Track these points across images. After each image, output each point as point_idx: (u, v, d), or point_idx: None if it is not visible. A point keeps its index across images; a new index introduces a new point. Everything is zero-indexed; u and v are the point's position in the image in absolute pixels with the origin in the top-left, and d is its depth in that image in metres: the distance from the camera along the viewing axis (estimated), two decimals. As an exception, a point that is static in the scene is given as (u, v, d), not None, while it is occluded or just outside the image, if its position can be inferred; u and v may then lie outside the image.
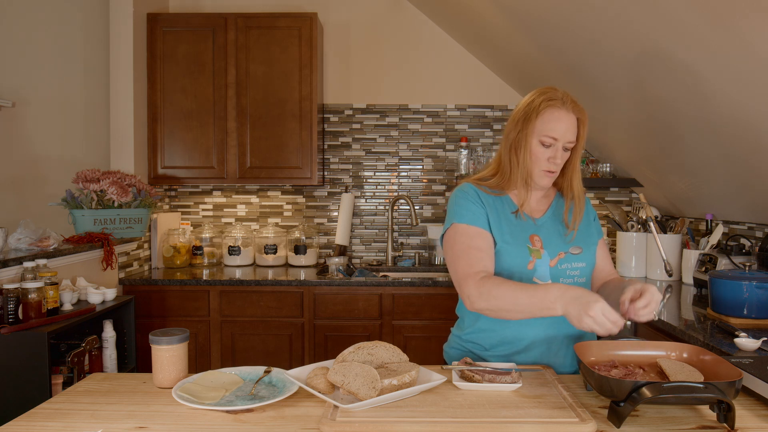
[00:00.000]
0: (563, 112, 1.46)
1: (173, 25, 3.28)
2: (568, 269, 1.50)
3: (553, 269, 1.48)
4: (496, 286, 1.36)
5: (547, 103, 1.46)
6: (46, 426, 1.11)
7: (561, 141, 1.46)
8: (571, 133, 1.47)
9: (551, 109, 1.46)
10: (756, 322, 1.92)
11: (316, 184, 3.36)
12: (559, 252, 1.50)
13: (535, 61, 2.98)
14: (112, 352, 2.48)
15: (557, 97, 1.47)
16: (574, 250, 1.52)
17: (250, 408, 1.18)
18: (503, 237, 1.48)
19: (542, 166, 1.48)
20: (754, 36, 1.60)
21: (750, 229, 2.63)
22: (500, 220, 1.50)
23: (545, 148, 1.47)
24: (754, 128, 1.99)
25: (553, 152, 1.47)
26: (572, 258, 1.51)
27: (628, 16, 1.98)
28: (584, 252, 1.53)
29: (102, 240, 2.68)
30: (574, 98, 1.49)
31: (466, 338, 1.58)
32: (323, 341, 3.00)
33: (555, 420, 1.09)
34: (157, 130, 3.31)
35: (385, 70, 3.62)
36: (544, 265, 1.48)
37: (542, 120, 1.46)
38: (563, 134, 1.45)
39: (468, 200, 1.51)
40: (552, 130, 1.45)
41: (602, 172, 3.44)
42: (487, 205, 1.51)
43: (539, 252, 1.48)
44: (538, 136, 1.46)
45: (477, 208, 1.49)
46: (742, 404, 1.21)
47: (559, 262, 1.49)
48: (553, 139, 1.45)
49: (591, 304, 1.21)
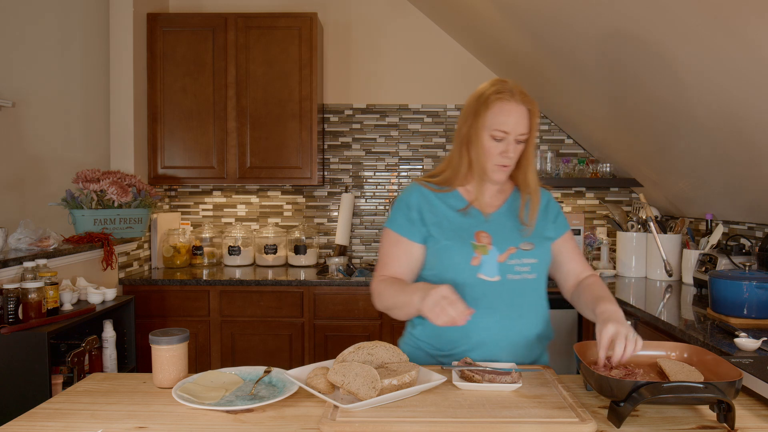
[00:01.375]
0: (513, 104, 1.44)
1: (173, 25, 3.28)
2: (516, 265, 1.47)
3: (502, 265, 1.46)
4: (386, 287, 1.45)
5: (496, 96, 1.44)
6: (46, 426, 1.11)
7: (512, 134, 1.44)
8: (522, 126, 1.45)
9: (500, 102, 1.44)
10: (756, 322, 1.92)
11: (316, 184, 3.36)
12: (509, 247, 1.48)
13: (535, 61, 2.98)
14: (112, 352, 2.48)
15: (506, 89, 1.45)
16: (525, 246, 1.49)
17: (250, 408, 1.18)
18: (444, 235, 1.48)
19: (495, 161, 1.47)
20: (755, 36, 1.60)
21: (750, 229, 2.63)
22: (441, 220, 1.50)
23: (497, 142, 1.45)
24: (754, 128, 1.99)
25: (505, 146, 1.45)
26: (523, 254, 1.48)
27: (625, 12, 1.98)
28: (536, 248, 1.50)
29: (102, 240, 2.68)
30: (523, 89, 1.47)
31: (417, 336, 1.57)
32: (323, 341, 3.00)
33: (555, 420, 1.09)
34: (157, 130, 3.31)
35: (385, 70, 3.62)
36: (492, 260, 1.46)
37: (492, 113, 1.44)
38: (514, 127, 1.44)
39: (401, 209, 1.53)
40: (502, 124, 1.43)
41: (602, 172, 3.44)
42: (425, 209, 1.51)
43: (485, 248, 1.46)
44: (488, 130, 1.45)
45: (408, 218, 1.51)
46: (742, 404, 1.21)
47: (508, 258, 1.47)
48: (504, 132, 1.44)
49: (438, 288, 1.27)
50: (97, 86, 3.17)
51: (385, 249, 1.54)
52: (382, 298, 1.47)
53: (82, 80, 3.13)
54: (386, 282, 1.47)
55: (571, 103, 3.13)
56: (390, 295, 1.44)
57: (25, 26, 2.83)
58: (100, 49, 3.17)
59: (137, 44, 3.19)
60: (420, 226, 1.51)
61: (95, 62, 3.16)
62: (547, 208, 1.59)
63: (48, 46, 2.96)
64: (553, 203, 1.62)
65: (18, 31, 2.79)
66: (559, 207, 1.63)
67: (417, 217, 1.51)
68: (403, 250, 1.52)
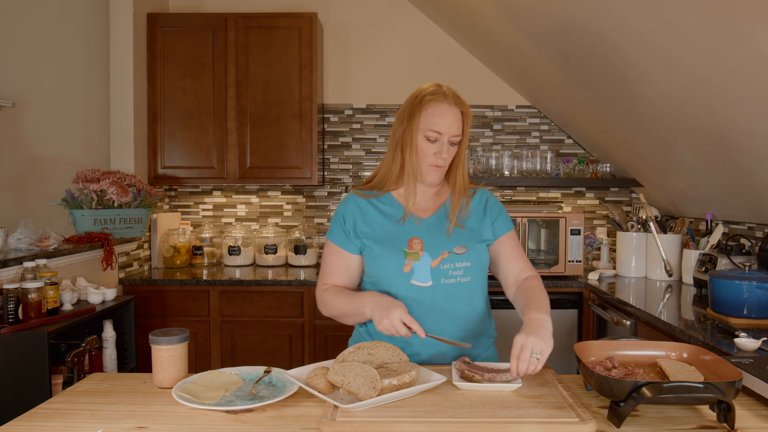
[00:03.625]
0: (446, 106, 1.48)
1: (173, 25, 3.28)
2: (450, 269, 1.49)
3: (435, 270, 1.48)
4: (331, 296, 1.53)
5: (429, 97, 1.48)
6: (46, 426, 1.11)
7: (445, 135, 1.47)
8: (456, 127, 1.48)
9: (434, 103, 1.47)
10: (756, 322, 1.92)
11: (316, 184, 3.36)
12: (442, 252, 1.49)
13: (536, 61, 2.98)
14: (112, 352, 2.48)
15: (440, 92, 1.49)
16: (458, 249, 1.50)
17: (250, 408, 1.18)
18: (377, 244, 1.51)
19: (429, 161, 1.49)
20: (758, 38, 1.60)
21: (750, 229, 2.63)
22: (375, 229, 1.53)
23: (431, 143, 1.48)
24: (754, 128, 1.99)
25: (439, 147, 1.48)
26: (456, 258, 1.50)
27: (628, 15, 1.98)
28: (470, 251, 1.51)
29: (102, 240, 2.68)
30: (456, 92, 1.52)
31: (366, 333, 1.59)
32: (323, 341, 3.00)
33: (555, 420, 1.09)
34: (157, 130, 3.31)
35: (385, 70, 3.62)
36: (424, 266, 1.48)
37: (426, 115, 1.47)
38: (447, 128, 1.47)
39: (337, 221, 1.57)
40: (435, 125, 1.46)
41: (602, 172, 3.44)
42: (359, 219, 1.54)
43: (417, 254, 1.49)
44: (422, 131, 1.48)
45: (343, 230, 1.56)
46: (742, 404, 1.21)
47: (441, 263, 1.49)
48: (437, 133, 1.47)
49: (392, 310, 1.35)
50: (97, 86, 3.18)
51: (325, 259, 1.60)
52: (328, 307, 1.55)
53: (82, 80, 3.13)
54: (331, 291, 1.54)
55: (571, 104, 3.13)
56: (337, 304, 1.51)
57: (25, 27, 2.83)
58: (100, 49, 3.17)
59: (137, 44, 3.19)
60: (354, 238, 1.55)
61: (95, 62, 3.17)
62: (486, 209, 1.59)
63: (48, 47, 2.96)
64: (493, 203, 1.61)
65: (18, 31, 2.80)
66: (501, 207, 1.62)
67: (351, 229, 1.55)
68: (341, 261, 1.57)
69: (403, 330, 1.35)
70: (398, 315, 1.35)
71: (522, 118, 3.62)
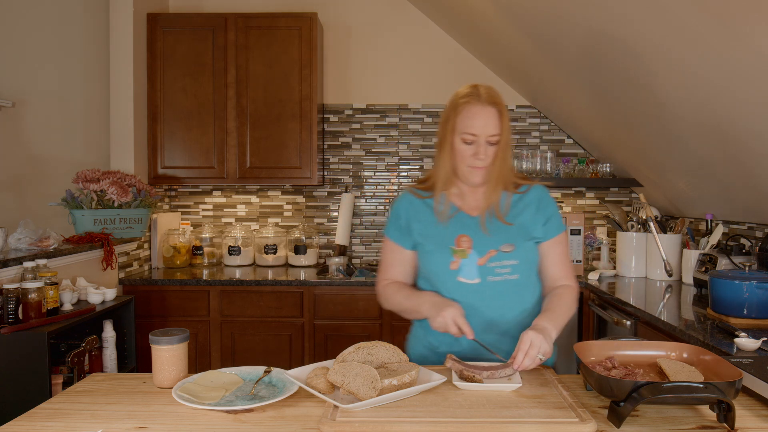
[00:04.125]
0: (479, 107, 1.47)
1: (173, 25, 3.28)
2: (497, 267, 1.50)
3: (482, 267, 1.50)
4: (391, 292, 1.60)
5: (463, 100, 1.49)
6: (46, 426, 1.11)
7: (481, 136, 1.47)
8: (491, 127, 1.47)
9: (468, 106, 1.48)
10: (756, 322, 1.92)
11: (316, 184, 3.36)
12: (489, 250, 1.51)
13: (535, 61, 2.98)
14: (112, 352, 2.48)
15: (473, 93, 1.49)
16: (505, 248, 1.51)
17: (250, 408, 1.18)
18: (428, 241, 1.56)
19: (468, 163, 1.50)
20: (758, 38, 1.60)
21: (750, 229, 2.63)
22: (425, 227, 1.57)
23: (468, 146, 1.49)
24: (754, 128, 1.99)
25: (476, 149, 1.48)
26: (503, 256, 1.51)
27: (626, 14, 1.98)
28: (517, 249, 1.51)
29: (102, 240, 2.68)
30: (492, 91, 1.50)
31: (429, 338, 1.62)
32: (323, 341, 3.00)
33: (555, 420, 1.09)
34: (157, 130, 3.31)
35: (385, 70, 3.62)
36: (471, 264, 1.50)
37: (461, 118, 1.48)
38: (482, 129, 1.47)
39: (393, 218, 1.63)
40: (470, 127, 1.47)
41: (602, 172, 3.44)
42: (412, 216, 1.59)
43: (465, 252, 1.51)
44: (459, 134, 1.49)
45: (398, 226, 1.61)
46: (742, 404, 1.21)
47: (488, 260, 1.50)
48: (472, 135, 1.47)
49: (446, 309, 1.42)
50: (97, 86, 3.17)
51: (384, 255, 1.67)
52: (389, 302, 1.62)
53: (82, 80, 3.13)
54: (392, 287, 1.61)
55: (571, 104, 3.13)
56: (398, 300, 1.58)
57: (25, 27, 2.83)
58: (100, 49, 3.17)
59: (137, 44, 3.19)
60: (407, 235, 1.59)
61: (95, 62, 3.17)
62: (539, 206, 1.57)
63: (48, 47, 2.96)
64: (547, 202, 1.59)
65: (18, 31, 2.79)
66: (554, 207, 1.60)
67: (405, 226, 1.60)
68: (398, 257, 1.63)
69: (454, 329, 1.40)
70: (451, 314, 1.40)
71: (522, 118, 3.62)
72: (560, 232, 1.59)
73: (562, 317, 1.46)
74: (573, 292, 1.56)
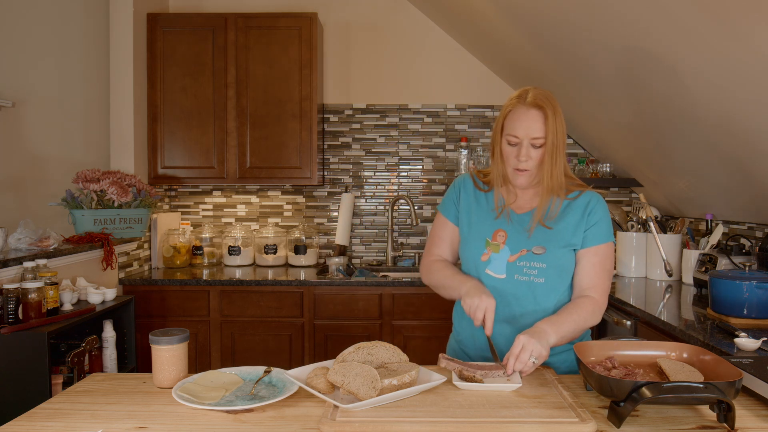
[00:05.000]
0: (524, 109, 1.48)
1: (173, 25, 3.28)
2: (525, 267, 1.52)
3: (511, 264, 1.53)
4: (439, 267, 1.63)
5: (510, 104, 1.51)
6: (46, 426, 1.11)
7: (524, 138, 1.48)
8: (534, 129, 1.48)
9: (514, 109, 1.50)
10: (756, 322, 1.92)
11: (316, 184, 3.36)
12: (521, 249, 1.53)
13: (535, 61, 2.98)
14: (112, 352, 2.48)
15: (521, 96, 1.50)
16: (537, 249, 1.52)
17: (250, 408, 1.18)
18: (468, 226, 1.61)
19: (512, 165, 1.52)
20: (758, 38, 1.60)
21: (750, 229, 2.63)
22: (471, 213, 1.62)
23: (512, 147, 1.51)
24: (754, 128, 1.99)
25: (518, 150, 1.50)
26: (533, 257, 1.52)
27: (627, 13, 1.98)
28: (547, 253, 1.51)
29: (102, 240, 2.68)
30: (540, 94, 1.49)
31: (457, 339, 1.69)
32: (323, 341, 3.00)
33: (555, 420, 1.09)
34: (157, 130, 3.31)
35: (385, 70, 3.62)
36: (502, 259, 1.54)
37: (507, 121, 1.51)
38: (525, 131, 1.48)
39: (450, 193, 1.68)
40: (514, 129, 1.49)
41: (602, 172, 3.44)
42: (466, 198, 1.64)
43: (498, 246, 1.55)
44: (505, 136, 1.52)
45: (452, 201, 1.66)
46: (742, 404, 1.21)
47: (518, 259, 1.53)
48: (515, 137, 1.49)
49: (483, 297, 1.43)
50: (97, 86, 3.17)
51: (434, 230, 1.71)
52: (432, 277, 1.64)
53: (82, 80, 3.13)
54: (440, 263, 1.64)
55: (570, 103, 3.13)
56: (442, 276, 1.61)
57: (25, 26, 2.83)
58: (100, 49, 3.17)
59: (137, 44, 3.19)
60: (455, 207, 1.65)
61: (95, 62, 3.16)
62: (584, 213, 1.55)
63: (48, 46, 2.96)
64: (595, 209, 1.56)
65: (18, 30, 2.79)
66: (602, 216, 1.55)
67: (455, 198, 1.66)
68: (447, 233, 1.67)
69: (480, 316, 1.42)
70: (486, 303, 1.42)
71: (522, 118, 3.62)
72: (600, 243, 1.54)
73: (568, 324, 1.43)
74: (593, 304, 1.50)
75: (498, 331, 1.53)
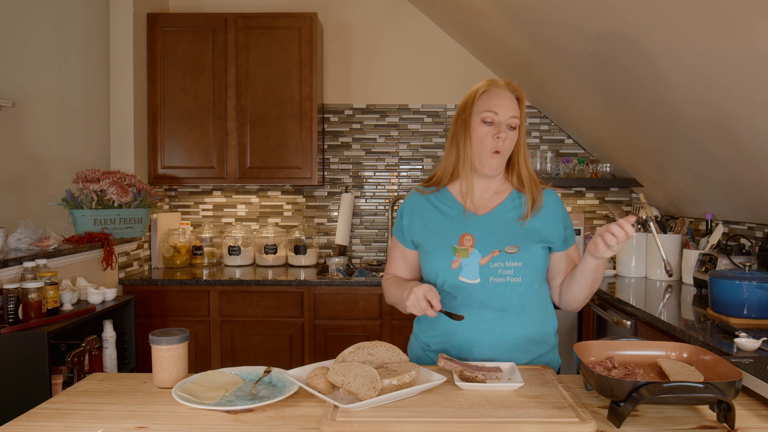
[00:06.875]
0: (500, 89, 1.49)
1: (173, 25, 3.28)
2: (500, 268, 1.47)
3: (484, 267, 1.47)
4: (387, 285, 1.63)
5: (483, 87, 1.51)
6: (46, 426, 1.11)
7: (502, 116, 1.46)
8: (512, 109, 1.47)
9: (490, 89, 1.50)
10: (756, 322, 1.92)
11: (316, 184, 3.36)
12: (492, 250, 1.48)
13: (535, 61, 2.98)
14: (112, 352, 2.48)
15: (492, 82, 1.51)
16: (510, 248, 1.47)
17: (250, 408, 1.18)
18: (430, 240, 1.54)
19: (489, 146, 1.47)
20: (756, 37, 1.60)
21: (750, 229, 2.63)
22: (428, 225, 1.55)
23: (489, 127, 1.47)
24: (754, 128, 1.99)
25: (497, 129, 1.47)
26: (506, 257, 1.47)
27: (627, 13, 1.98)
28: (522, 251, 1.48)
29: (102, 240, 2.68)
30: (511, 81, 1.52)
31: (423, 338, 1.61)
32: (323, 341, 3.00)
33: (555, 420, 1.09)
34: (157, 130, 3.31)
35: (385, 70, 3.62)
36: (473, 263, 1.48)
37: (483, 100, 1.49)
38: (503, 109, 1.46)
39: (398, 217, 1.64)
40: (491, 105, 1.47)
41: (602, 172, 3.44)
42: (416, 216, 1.58)
43: (467, 251, 1.48)
44: (478, 115, 1.48)
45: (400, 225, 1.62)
46: (742, 404, 1.21)
47: (491, 261, 1.47)
48: (493, 113, 1.46)
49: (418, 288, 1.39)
50: (97, 86, 3.17)
51: (389, 251, 1.71)
52: (386, 295, 1.65)
53: (82, 80, 3.13)
54: (390, 281, 1.64)
55: (571, 103, 3.13)
56: (390, 292, 1.61)
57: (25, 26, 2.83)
58: (100, 49, 3.17)
59: (137, 44, 3.19)
60: (408, 235, 1.60)
61: (95, 62, 3.16)
62: (555, 211, 1.55)
63: (48, 47, 2.96)
64: (563, 207, 1.57)
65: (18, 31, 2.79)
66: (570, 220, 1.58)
67: (407, 225, 1.59)
68: (400, 254, 1.65)
69: (424, 303, 1.38)
70: (422, 291, 1.38)
71: (522, 118, 3.62)
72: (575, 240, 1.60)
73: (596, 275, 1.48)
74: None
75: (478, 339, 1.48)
